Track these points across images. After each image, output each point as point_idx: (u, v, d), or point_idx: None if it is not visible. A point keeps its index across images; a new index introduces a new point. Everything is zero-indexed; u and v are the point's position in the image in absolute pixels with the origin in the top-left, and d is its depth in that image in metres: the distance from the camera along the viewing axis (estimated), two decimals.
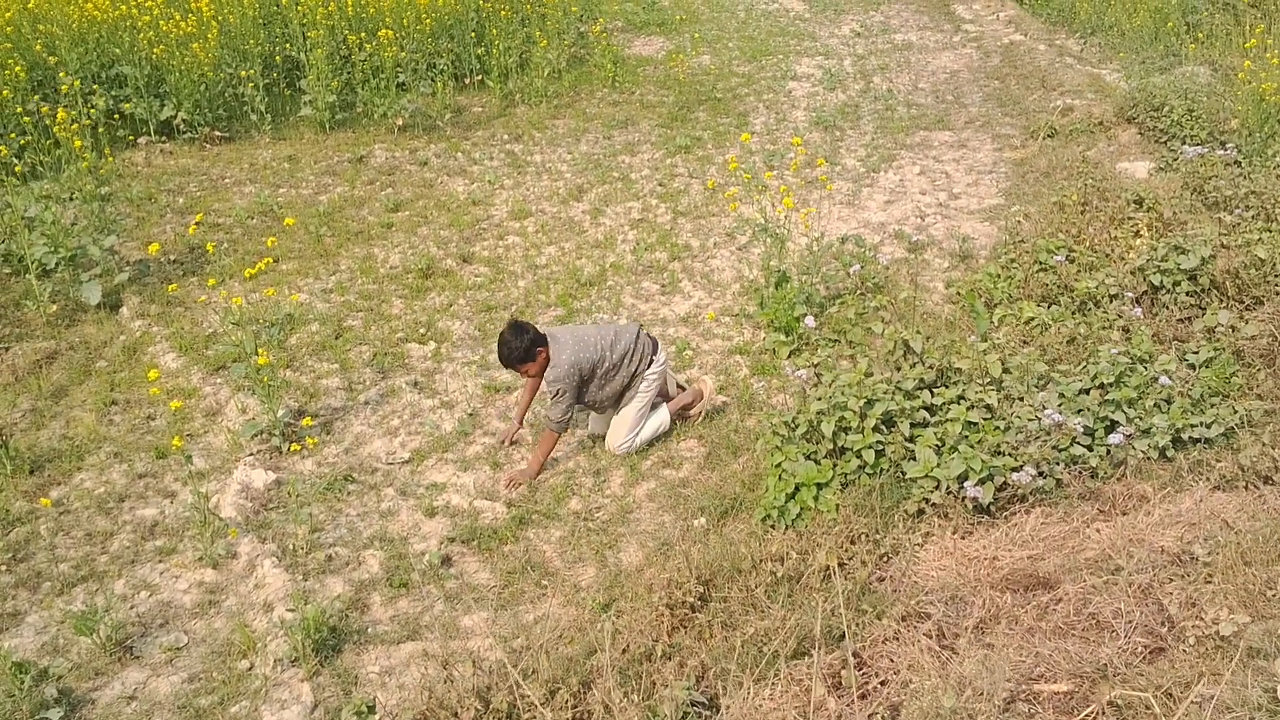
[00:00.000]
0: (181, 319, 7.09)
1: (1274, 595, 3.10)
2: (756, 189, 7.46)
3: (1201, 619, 3.06)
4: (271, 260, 7.27)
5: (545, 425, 5.54)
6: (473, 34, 11.91)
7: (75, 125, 8.22)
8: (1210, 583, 3.27)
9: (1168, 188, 7.68)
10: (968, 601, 3.57)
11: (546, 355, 5.48)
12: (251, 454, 5.74)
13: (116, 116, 9.77)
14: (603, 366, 5.55)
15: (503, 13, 12.03)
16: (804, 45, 14.09)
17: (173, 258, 7.90)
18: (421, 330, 7.00)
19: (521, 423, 5.92)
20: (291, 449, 5.68)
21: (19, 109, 8.85)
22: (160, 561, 4.97)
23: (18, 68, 9.07)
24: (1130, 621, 3.25)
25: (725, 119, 11.12)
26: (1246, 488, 4.06)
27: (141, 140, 10.00)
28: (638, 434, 5.73)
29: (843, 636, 3.52)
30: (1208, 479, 4.25)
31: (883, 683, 3.31)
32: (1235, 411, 4.67)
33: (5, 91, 8.78)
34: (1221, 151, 8.22)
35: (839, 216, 8.57)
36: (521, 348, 5.39)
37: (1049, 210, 7.64)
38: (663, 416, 5.86)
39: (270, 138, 10.37)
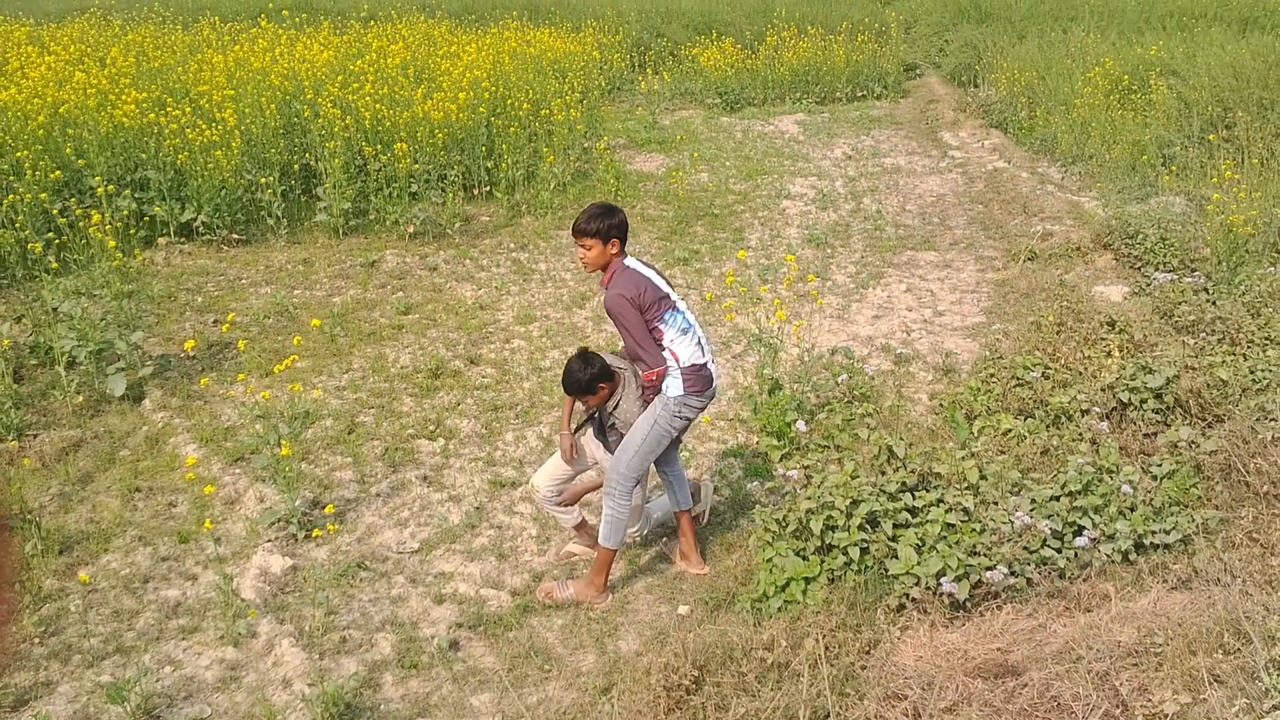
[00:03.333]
0: (201, 412, 7.44)
1: (1215, 679, 3.42)
2: (752, 301, 7.88)
3: (1150, 700, 3.38)
4: (295, 359, 7.65)
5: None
6: (483, 148, 12.49)
7: (108, 226, 8.67)
8: (1160, 670, 3.60)
9: (1139, 311, 8.13)
10: (942, 686, 3.88)
11: (610, 390, 5.55)
12: (269, 540, 6.05)
13: (146, 219, 10.23)
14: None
15: (512, 129, 12.64)
16: (798, 166, 14.74)
17: (192, 354, 8.28)
18: (430, 427, 7.36)
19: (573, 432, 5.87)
20: (313, 534, 5.99)
21: (55, 210, 9.32)
22: (184, 639, 5.26)
23: (55, 173, 9.57)
24: (1088, 704, 3.57)
25: (722, 233, 11.64)
26: (1198, 588, 4.40)
27: (161, 240, 10.45)
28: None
29: (826, 716, 3.83)
30: (1165, 580, 4.59)
31: None
32: (1193, 520, 5.03)
33: (43, 194, 9.25)
34: (1190, 278, 8.70)
35: (829, 329, 9.01)
36: (585, 379, 5.47)
37: (1027, 329, 8.09)
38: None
39: (286, 241, 10.84)
